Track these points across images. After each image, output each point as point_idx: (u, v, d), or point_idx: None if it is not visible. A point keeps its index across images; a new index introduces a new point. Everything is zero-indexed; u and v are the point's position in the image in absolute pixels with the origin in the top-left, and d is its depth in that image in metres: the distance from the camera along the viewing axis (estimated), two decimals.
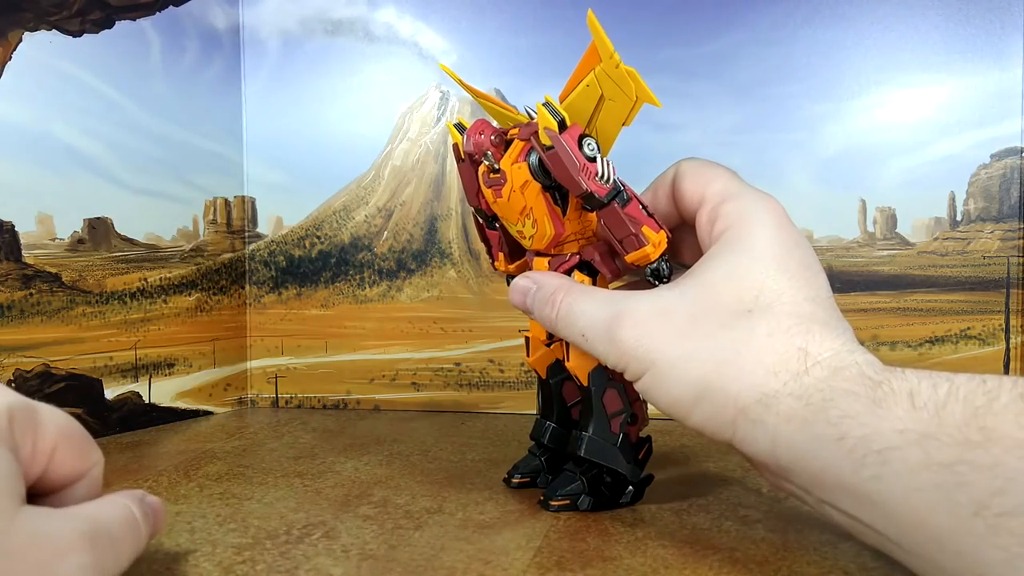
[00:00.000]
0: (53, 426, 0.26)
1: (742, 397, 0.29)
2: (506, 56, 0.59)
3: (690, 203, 0.34)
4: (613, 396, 0.36)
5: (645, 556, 0.31)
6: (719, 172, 0.34)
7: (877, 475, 0.25)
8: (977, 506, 0.22)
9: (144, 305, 0.56)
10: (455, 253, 0.62)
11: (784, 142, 0.57)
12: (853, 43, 0.56)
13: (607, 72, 0.32)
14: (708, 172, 0.34)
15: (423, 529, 0.35)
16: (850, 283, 0.57)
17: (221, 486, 0.41)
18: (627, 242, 0.34)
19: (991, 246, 0.55)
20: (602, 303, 0.33)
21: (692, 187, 0.34)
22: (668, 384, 0.30)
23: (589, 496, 0.37)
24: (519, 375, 0.61)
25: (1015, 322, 0.55)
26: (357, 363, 0.63)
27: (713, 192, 0.33)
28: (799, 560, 0.31)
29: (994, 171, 0.55)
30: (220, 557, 0.31)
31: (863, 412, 0.26)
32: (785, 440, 0.28)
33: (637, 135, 0.35)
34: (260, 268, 0.64)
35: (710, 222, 0.33)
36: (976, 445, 0.23)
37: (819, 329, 0.29)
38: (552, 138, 0.33)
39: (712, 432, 0.30)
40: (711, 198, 0.33)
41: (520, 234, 0.37)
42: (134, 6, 0.54)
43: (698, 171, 0.35)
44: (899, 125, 0.55)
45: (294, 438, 0.53)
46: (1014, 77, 0.53)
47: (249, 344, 0.64)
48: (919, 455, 0.24)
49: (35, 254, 0.50)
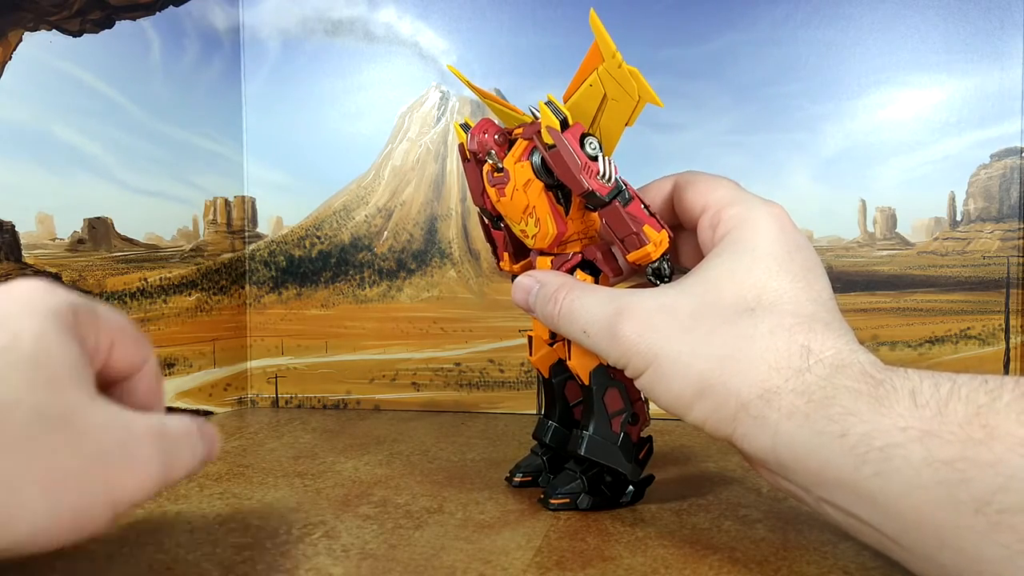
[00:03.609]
0: (110, 322, 0.27)
1: (744, 393, 0.29)
2: (506, 56, 0.59)
3: (692, 210, 0.35)
4: (614, 395, 0.36)
5: (645, 556, 0.31)
6: (722, 181, 0.35)
7: (878, 472, 0.25)
8: (979, 503, 0.22)
9: (144, 305, 0.56)
10: (455, 253, 0.62)
11: (784, 142, 0.57)
12: (853, 43, 0.56)
13: (610, 72, 0.33)
14: (711, 181, 0.35)
15: (423, 529, 0.35)
16: (850, 283, 0.57)
17: (221, 486, 0.41)
18: (628, 241, 0.34)
19: (991, 246, 0.55)
20: (604, 300, 0.33)
21: (694, 195, 0.35)
22: (670, 380, 0.30)
23: (589, 495, 0.37)
24: (519, 375, 0.61)
25: (1015, 322, 0.55)
26: (357, 363, 0.63)
27: (716, 198, 0.34)
28: (799, 560, 0.31)
29: (994, 171, 0.55)
30: (220, 557, 0.31)
31: (865, 409, 0.26)
32: (786, 436, 0.28)
33: (637, 135, 0.35)
34: (260, 268, 0.64)
35: (712, 226, 0.33)
36: (978, 443, 0.23)
37: (821, 328, 0.29)
38: (554, 136, 0.33)
39: (713, 429, 0.30)
40: (714, 203, 0.34)
41: (523, 233, 0.37)
42: (134, 6, 0.54)
43: (701, 180, 0.35)
44: (899, 125, 0.56)
45: (294, 438, 0.53)
46: (1014, 77, 0.53)
47: (249, 344, 0.64)
48: (921, 452, 0.24)
49: (35, 254, 0.50)
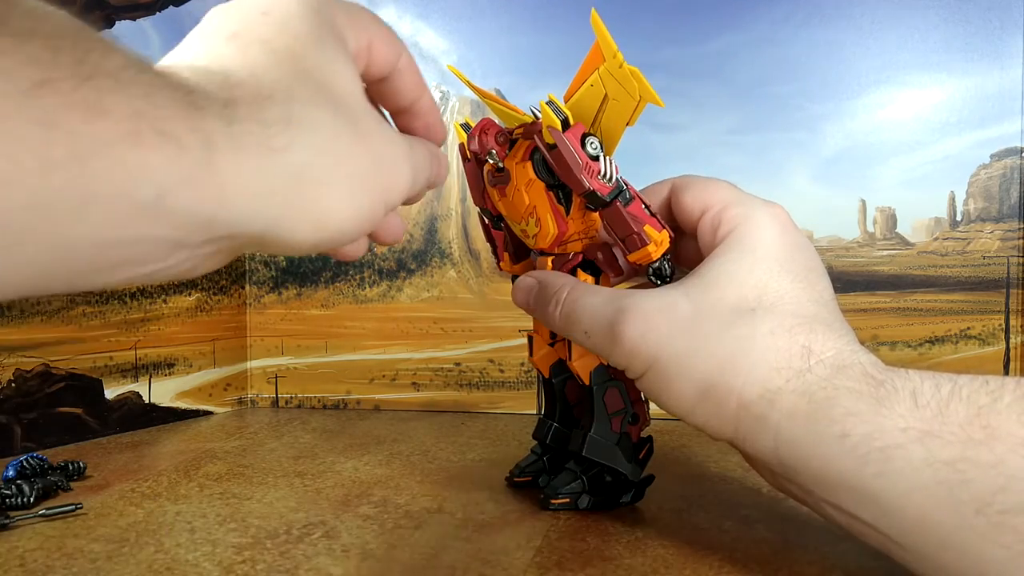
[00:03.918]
0: (366, 21, 0.27)
1: (745, 393, 0.29)
2: (506, 56, 0.59)
3: (691, 213, 0.35)
4: (614, 395, 0.36)
5: (645, 556, 0.31)
6: (720, 183, 0.35)
7: (879, 472, 0.25)
8: (980, 504, 0.22)
9: (144, 305, 0.56)
10: (455, 253, 0.62)
11: (784, 142, 0.57)
12: (853, 43, 0.56)
13: (611, 72, 0.33)
14: (709, 183, 0.35)
15: (423, 529, 0.35)
16: (850, 283, 0.57)
17: (221, 486, 0.41)
18: (629, 241, 0.34)
19: (991, 246, 0.55)
20: (605, 301, 0.33)
21: (692, 198, 0.35)
22: (671, 380, 0.30)
23: (589, 495, 0.37)
24: (519, 375, 0.61)
25: (1015, 322, 0.55)
26: (357, 363, 0.63)
27: (715, 199, 0.34)
28: (799, 560, 0.31)
29: (994, 171, 0.55)
30: (220, 557, 0.31)
31: (866, 410, 0.26)
32: (787, 437, 0.28)
33: (636, 135, 0.35)
34: (260, 268, 0.64)
35: (713, 227, 0.33)
36: (979, 443, 0.23)
37: (822, 329, 0.29)
38: (555, 136, 0.33)
39: (714, 430, 0.30)
40: (714, 205, 0.34)
41: (524, 233, 0.37)
42: (134, 6, 0.54)
43: (699, 183, 0.35)
44: (899, 125, 0.55)
45: (294, 438, 0.53)
46: (1014, 77, 0.53)
47: (249, 344, 0.64)
48: (922, 452, 0.24)
49: None
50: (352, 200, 0.24)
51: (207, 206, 0.19)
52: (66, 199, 0.17)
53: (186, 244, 0.20)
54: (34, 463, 0.42)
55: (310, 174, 0.22)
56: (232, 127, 0.20)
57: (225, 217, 0.20)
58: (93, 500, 0.39)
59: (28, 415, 0.49)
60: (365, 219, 0.25)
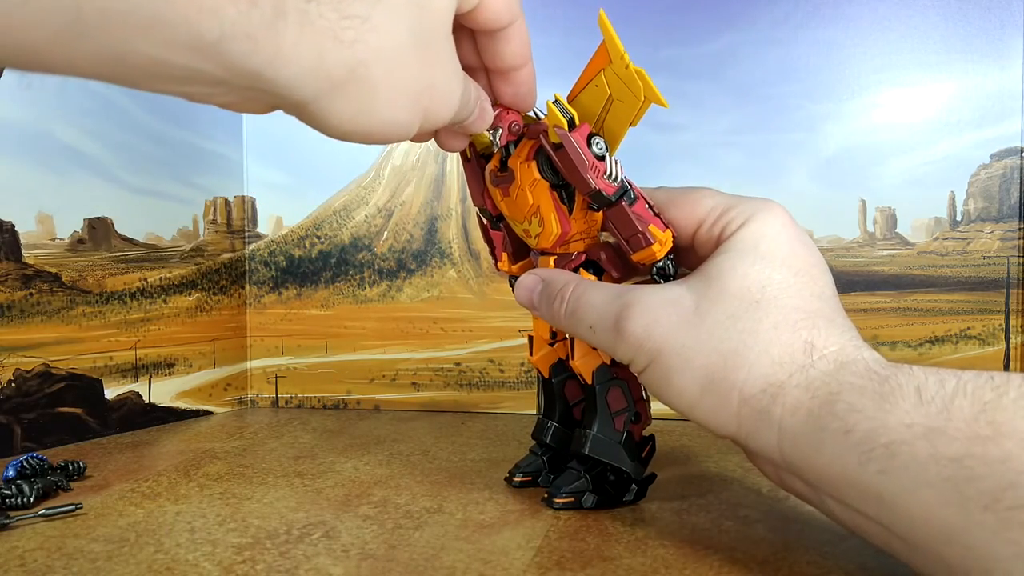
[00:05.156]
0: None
1: (747, 387, 0.29)
2: None
3: (684, 229, 0.34)
4: (617, 394, 0.36)
5: (645, 556, 0.31)
6: (703, 192, 0.34)
7: (884, 469, 0.25)
8: (988, 500, 0.22)
9: (144, 305, 0.56)
10: (455, 253, 0.62)
11: (784, 142, 0.57)
12: (853, 43, 0.56)
13: (616, 72, 0.33)
14: (693, 194, 0.34)
15: (423, 529, 0.34)
16: (850, 283, 0.57)
17: (221, 486, 0.41)
18: (633, 241, 0.34)
19: (991, 246, 0.55)
20: (610, 296, 0.33)
21: (682, 215, 0.34)
22: (674, 374, 0.30)
23: (593, 494, 0.37)
24: (519, 375, 0.61)
25: (1015, 322, 0.55)
26: (357, 363, 0.63)
27: (706, 210, 0.33)
28: (799, 560, 0.31)
29: (994, 171, 0.55)
30: (220, 557, 0.31)
31: (870, 406, 0.26)
32: (790, 432, 0.28)
33: (636, 135, 0.35)
34: (260, 268, 0.64)
35: (712, 237, 0.33)
36: (986, 439, 0.23)
37: (824, 324, 0.29)
38: (561, 136, 0.33)
39: (716, 426, 0.30)
40: (707, 216, 0.33)
41: (526, 232, 0.37)
42: None
43: (680, 198, 0.34)
44: (899, 125, 0.55)
45: (294, 438, 0.52)
46: (1014, 77, 0.53)
47: (249, 344, 0.64)
48: (927, 449, 0.24)
49: (35, 254, 0.50)
50: (391, 112, 0.25)
51: (257, 61, 0.21)
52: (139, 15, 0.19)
53: (231, 85, 0.22)
54: (34, 463, 0.42)
55: (363, 72, 0.24)
56: (309, 4, 0.22)
57: (271, 76, 0.22)
58: (93, 500, 0.39)
59: (28, 415, 0.49)
60: (399, 130, 0.26)
